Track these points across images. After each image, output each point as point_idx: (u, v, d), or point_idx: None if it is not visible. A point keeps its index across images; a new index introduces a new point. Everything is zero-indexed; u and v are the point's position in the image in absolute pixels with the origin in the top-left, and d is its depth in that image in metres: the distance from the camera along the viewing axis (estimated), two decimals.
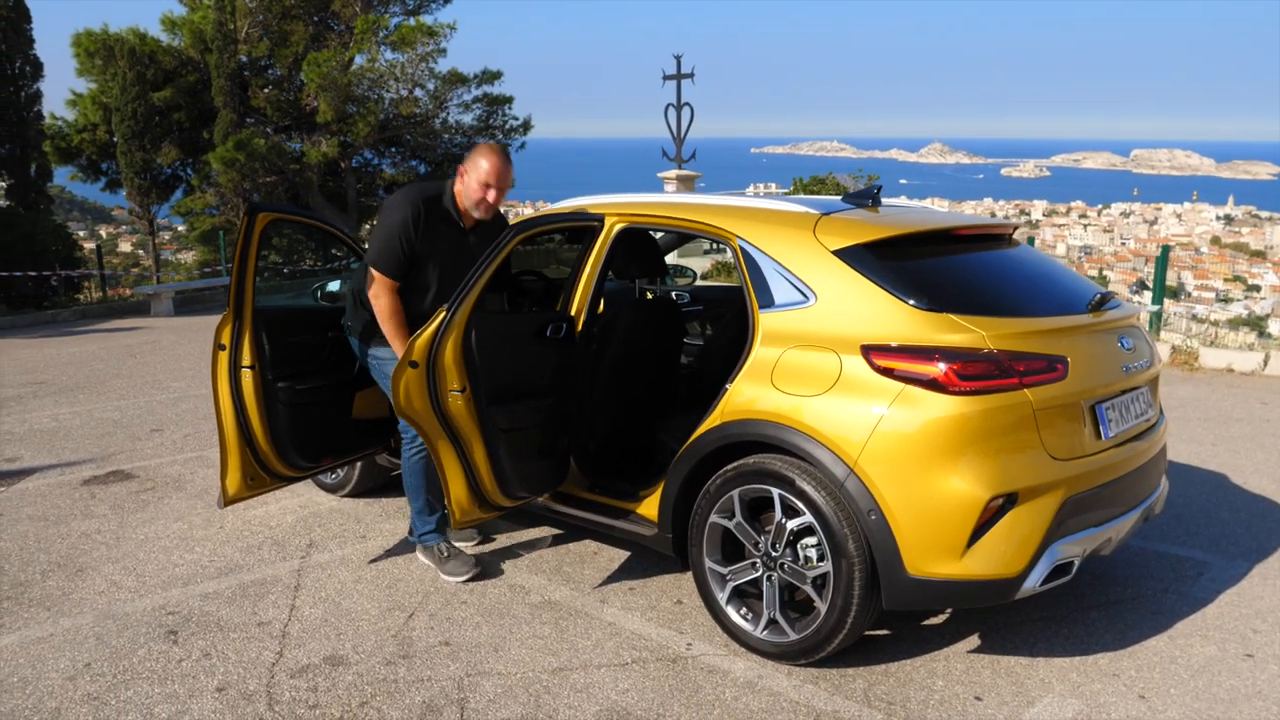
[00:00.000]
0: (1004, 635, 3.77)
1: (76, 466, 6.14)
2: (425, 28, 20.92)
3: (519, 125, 23.86)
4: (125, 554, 4.64)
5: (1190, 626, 3.84)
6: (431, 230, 4.10)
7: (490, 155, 4.11)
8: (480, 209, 4.16)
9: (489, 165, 4.09)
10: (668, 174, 16.05)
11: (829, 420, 3.33)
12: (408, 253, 4.05)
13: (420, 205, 4.08)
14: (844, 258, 3.50)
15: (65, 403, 8.11)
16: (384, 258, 4.04)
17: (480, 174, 4.10)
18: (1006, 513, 3.19)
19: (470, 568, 4.29)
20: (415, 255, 4.07)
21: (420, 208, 4.07)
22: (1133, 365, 3.65)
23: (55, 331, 13.09)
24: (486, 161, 4.09)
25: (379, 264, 4.05)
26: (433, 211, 4.11)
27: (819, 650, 3.43)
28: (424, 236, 4.08)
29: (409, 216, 4.04)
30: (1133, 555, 4.54)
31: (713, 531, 3.70)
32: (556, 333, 4.07)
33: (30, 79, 17.67)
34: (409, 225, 4.03)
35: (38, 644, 3.73)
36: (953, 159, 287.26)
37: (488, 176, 4.09)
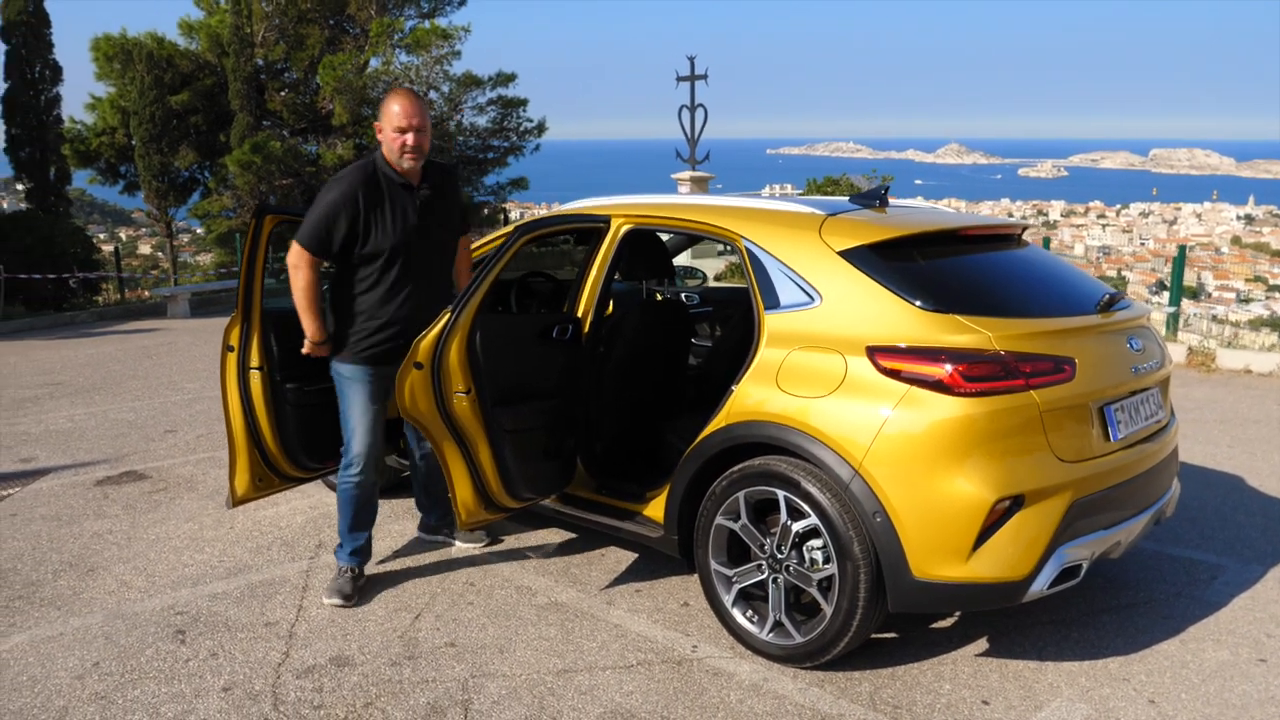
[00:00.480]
0: (1013, 639, 3.74)
1: (90, 467, 6.18)
2: (440, 30, 20.98)
3: (534, 127, 23.88)
4: (136, 554, 4.66)
5: (1202, 631, 3.81)
6: (373, 202, 3.87)
7: (397, 97, 3.88)
8: (407, 157, 3.89)
9: (399, 107, 3.85)
10: (681, 175, 16.05)
11: (834, 422, 3.31)
12: (337, 231, 3.84)
13: (356, 184, 3.85)
14: (849, 258, 3.48)
15: (81, 404, 8.16)
16: (309, 232, 3.85)
17: (392, 119, 3.85)
18: (1013, 515, 3.16)
19: (347, 597, 4.08)
20: (355, 233, 3.86)
21: (356, 187, 3.84)
22: (1142, 366, 3.62)
23: (73, 333, 13.19)
24: (395, 105, 3.86)
25: (303, 238, 3.86)
26: (370, 184, 3.89)
27: (825, 653, 3.41)
28: (367, 210, 3.85)
29: (340, 197, 3.83)
30: (1145, 558, 4.50)
31: (718, 533, 3.69)
32: (563, 334, 4.06)
33: (50, 83, 17.83)
34: (341, 206, 3.82)
35: (47, 643, 3.75)
36: (969, 159, 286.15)
37: (399, 119, 3.84)
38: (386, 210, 3.89)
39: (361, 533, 4.22)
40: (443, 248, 4.15)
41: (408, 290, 3.98)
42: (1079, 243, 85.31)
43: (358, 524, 4.20)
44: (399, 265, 3.94)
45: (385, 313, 3.96)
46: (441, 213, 4.07)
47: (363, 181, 3.87)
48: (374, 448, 4.09)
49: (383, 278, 3.94)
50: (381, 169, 3.93)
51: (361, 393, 4.03)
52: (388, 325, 3.97)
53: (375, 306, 3.96)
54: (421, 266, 4.00)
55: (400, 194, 3.94)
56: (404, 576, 4.36)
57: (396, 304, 3.96)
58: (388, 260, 3.91)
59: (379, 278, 3.94)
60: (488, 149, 23.93)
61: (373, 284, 3.95)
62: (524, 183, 25.01)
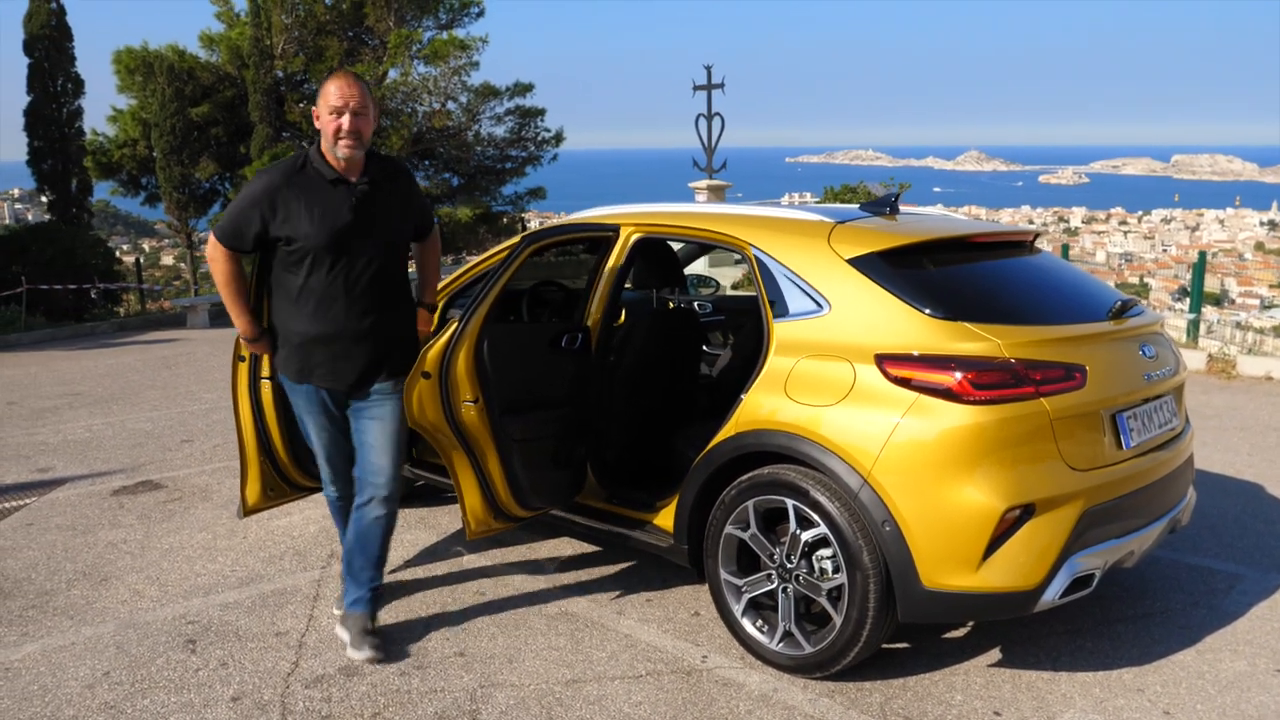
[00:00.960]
0: (1026, 648, 3.70)
1: (107, 477, 6.22)
2: (458, 41, 21.09)
3: (551, 137, 23.98)
4: (149, 563, 4.68)
5: (1219, 641, 3.76)
6: (295, 197, 3.46)
7: (332, 78, 3.48)
8: (342, 145, 3.45)
9: (334, 87, 3.44)
10: (699, 184, 16.04)
11: (843, 430, 3.29)
12: (249, 227, 3.48)
13: (277, 176, 3.49)
14: (858, 266, 3.47)
15: (99, 414, 8.22)
16: (224, 224, 3.54)
17: (327, 100, 3.44)
18: (1024, 524, 3.13)
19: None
20: (270, 230, 3.48)
21: (277, 180, 3.48)
22: (1155, 373, 3.58)
23: (93, 344, 13.30)
24: (331, 84, 3.46)
25: (218, 229, 3.56)
26: (295, 177, 3.49)
27: (835, 663, 3.39)
28: (287, 206, 3.45)
29: (258, 190, 3.48)
30: (1162, 567, 4.45)
31: (728, 543, 3.67)
32: (572, 343, 4.06)
33: (72, 96, 18.03)
34: (257, 200, 3.46)
35: (59, 652, 3.77)
36: (989, 166, 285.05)
37: (334, 98, 3.43)
38: (312, 207, 3.46)
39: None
40: (390, 252, 3.64)
41: (344, 300, 3.54)
42: (1100, 249, 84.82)
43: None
44: (329, 270, 3.50)
45: (318, 326, 3.54)
46: (388, 212, 3.62)
47: (286, 174, 3.49)
48: (338, 470, 3.89)
49: (310, 283, 3.51)
50: (313, 161, 3.51)
51: (309, 413, 3.73)
52: (321, 340, 3.56)
53: (308, 317, 3.54)
54: (361, 273, 3.55)
55: (330, 189, 3.50)
56: (415, 586, 4.36)
57: (330, 316, 3.53)
58: (314, 263, 3.49)
59: (306, 283, 3.52)
60: (506, 159, 24.04)
61: (300, 289, 3.53)
62: (542, 192, 25.10)
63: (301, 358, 3.60)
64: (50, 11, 17.35)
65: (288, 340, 3.61)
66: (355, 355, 3.59)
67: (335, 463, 3.85)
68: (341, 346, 3.56)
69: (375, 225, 3.57)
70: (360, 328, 3.56)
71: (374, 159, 3.61)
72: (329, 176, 3.50)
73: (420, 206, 3.82)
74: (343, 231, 3.48)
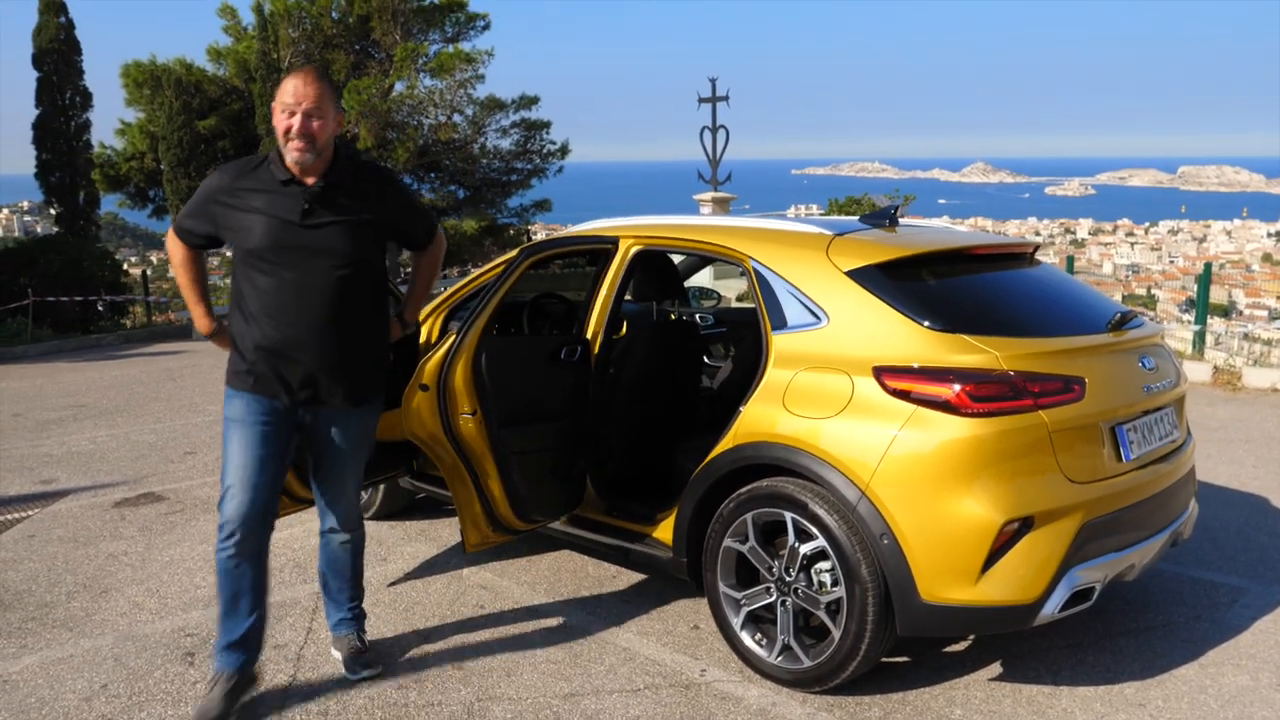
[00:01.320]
0: (1027, 663, 3.68)
1: (109, 489, 6.23)
2: (464, 55, 21.18)
3: (557, 150, 24.03)
4: (149, 575, 4.68)
5: (1222, 655, 3.73)
6: (244, 198, 3.25)
7: (290, 75, 3.24)
8: (291, 147, 3.18)
9: (289, 85, 3.20)
10: (703, 196, 16.07)
11: (841, 443, 3.28)
12: (197, 222, 3.33)
13: (229, 172, 3.31)
14: (856, 278, 3.46)
15: (104, 425, 8.24)
16: (181, 216, 3.39)
17: (281, 98, 3.20)
18: (1022, 537, 3.12)
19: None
20: (219, 231, 3.31)
21: (227, 182, 3.28)
22: (1155, 385, 3.57)
23: (99, 355, 13.34)
24: (286, 82, 3.22)
25: (175, 221, 3.42)
26: (246, 181, 3.27)
27: (834, 677, 3.37)
28: (230, 203, 3.25)
29: (208, 184, 3.32)
30: (1165, 580, 4.42)
31: (727, 556, 3.66)
32: (571, 355, 4.06)
33: (80, 109, 18.15)
34: (205, 193, 3.31)
35: (57, 664, 3.77)
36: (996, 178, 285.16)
37: (286, 97, 3.18)
38: (259, 209, 3.22)
39: (246, 617, 3.33)
40: (352, 260, 3.29)
41: (295, 309, 3.24)
42: (1107, 261, 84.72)
43: (238, 603, 3.33)
44: (279, 276, 3.22)
45: (265, 333, 3.25)
46: (350, 218, 3.29)
47: (237, 173, 3.29)
48: (254, 505, 3.27)
49: (261, 286, 3.25)
50: (270, 162, 3.28)
51: (239, 431, 3.30)
52: (268, 349, 3.26)
53: (256, 322, 3.27)
54: (314, 281, 3.24)
55: (280, 191, 3.24)
56: (413, 599, 4.35)
57: (278, 324, 3.24)
58: (263, 267, 3.23)
59: (256, 286, 3.26)
60: (511, 171, 24.11)
61: (251, 293, 3.27)
62: (547, 205, 25.17)
63: (248, 364, 3.29)
64: (59, 26, 17.49)
65: (239, 345, 3.33)
66: (303, 368, 3.28)
67: (255, 503, 3.27)
68: (289, 357, 3.26)
69: (331, 230, 3.25)
70: (311, 340, 3.26)
71: (345, 162, 3.34)
72: (281, 178, 3.24)
73: (409, 215, 3.56)
74: (289, 237, 3.21)
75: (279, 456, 3.34)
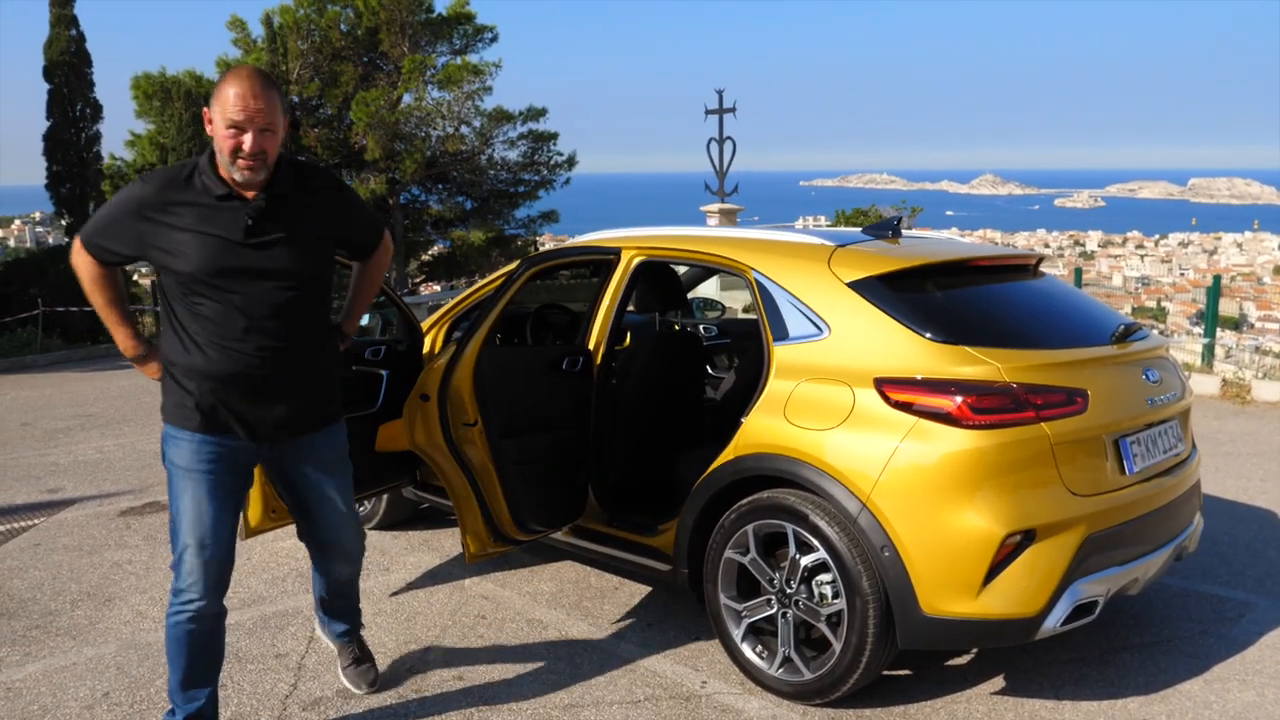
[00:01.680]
0: (1030, 677, 3.66)
1: (115, 498, 6.25)
2: (471, 66, 21.29)
3: (564, 161, 24.12)
4: (154, 584, 4.69)
5: (1228, 670, 3.70)
6: (173, 216, 2.80)
7: (233, 79, 2.76)
8: (244, 168, 2.78)
9: (232, 93, 2.73)
10: (710, 207, 16.10)
11: (841, 454, 3.27)
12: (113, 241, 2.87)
13: (152, 192, 2.82)
14: (858, 289, 3.46)
15: (111, 435, 8.27)
16: (89, 228, 2.91)
17: (224, 110, 2.74)
18: (1024, 550, 3.10)
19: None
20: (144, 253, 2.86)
21: (150, 196, 2.81)
22: (1159, 398, 3.55)
23: (108, 365, 13.38)
24: (230, 88, 2.73)
25: (83, 232, 2.93)
26: (174, 196, 2.81)
27: (835, 690, 3.35)
28: (157, 223, 2.80)
29: (126, 200, 2.83)
30: (1170, 595, 4.40)
31: (728, 567, 3.65)
32: (573, 365, 4.06)
33: (90, 121, 18.26)
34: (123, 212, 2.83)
35: (60, 672, 3.77)
36: (1005, 190, 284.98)
37: (233, 111, 2.73)
38: (193, 228, 2.80)
39: (200, 689, 3.04)
40: (303, 278, 2.95)
41: (246, 335, 2.87)
42: (1117, 273, 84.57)
43: (193, 676, 3.02)
44: (223, 300, 2.84)
45: (217, 363, 2.87)
46: (300, 232, 2.93)
47: (163, 186, 2.82)
48: (215, 565, 2.93)
49: (204, 312, 2.85)
50: (201, 173, 2.83)
51: (190, 481, 2.91)
52: (222, 380, 2.89)
53: (202, 351, 2.87)
54: (264, 303, 2.88)
55: (218, 207, 2.82)
56: (415, 609, 4.35)
57: (231, 352, 2.86)
58: (204, 292, 2.83)
59: (197, 311, 2.86)
60: (519, 182, 24.19)
61: (192, 317, 2.87)
62: (555, 216, 25.24)
63: (197, 399, 2.88)
64: (70, 39, 17.61)
65: (180, 377, 2.90)
66: (261, 399, 2.94)
67: (210, 543, 2.92)
68: (244, 388, 2.91)
69: (280, 248, 2.88)
70: (266, 367, 2.90)
71: (287, 168, 2.93)
72: (217, 192, 2.82)
73: (357, 220, 3.17)
74: (232, 258, 2.82)
75: (235, 506, 3.03)
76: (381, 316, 5.06)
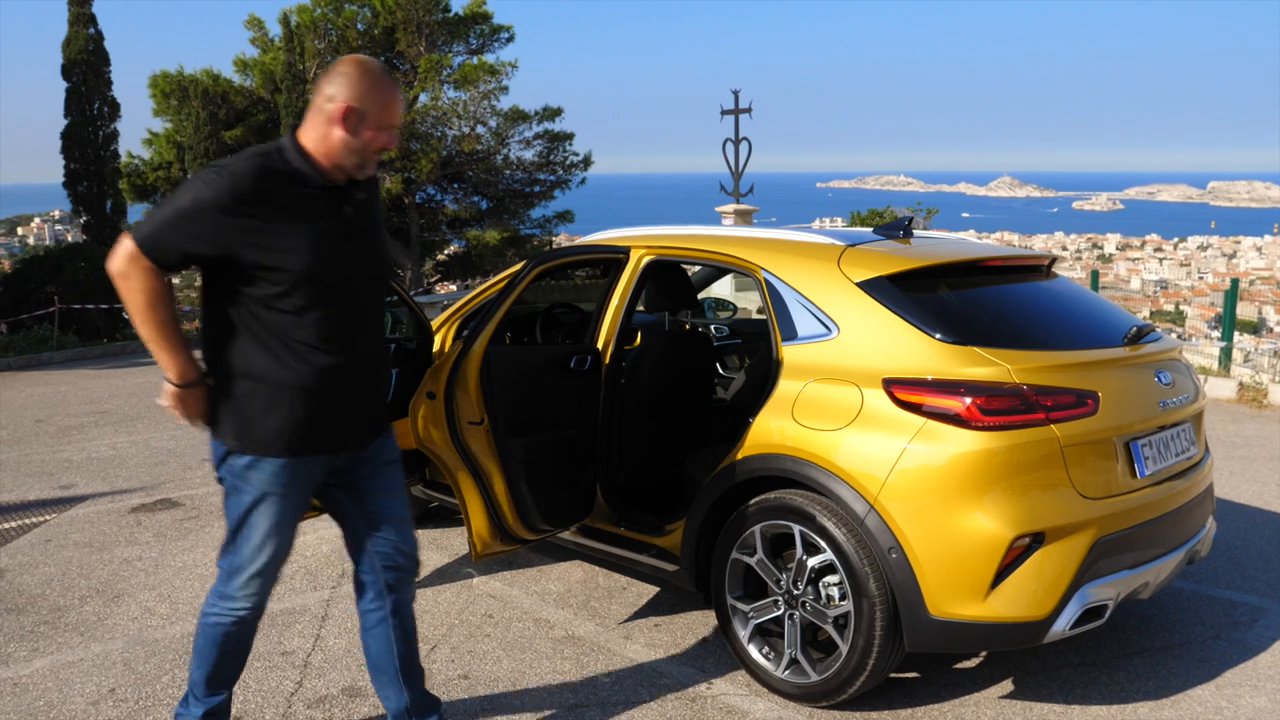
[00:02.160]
0: (1039, 680, 3.62)
1: (127, 494, 6.27)
2: (487, 66, 21.34)
3: (579, 161, 24.15)
4: (162, 581, 4.70)
5: (1240, 675, 3.66)
6: (277, 209, 2.57)
7: (388, 85, 2.66)
8: (372, 164, 2.73)
9: (392, 97, 2.67)
10: (725, 208, 16.06)
11: (849, 455, 3.25)
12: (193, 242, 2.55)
13: (247, 184, 2.53)
14: (868, 289, 3.43)
15: (124, 432, 8.30)
16: (153, 230, 2.55)
17: (384, 111, 2.64)
18: (1033, 552, 3.07)
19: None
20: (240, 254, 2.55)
21: (247, 188, 2.53)
22: (1171, 401, 3.51)
23: (123, 363, 13.45)
24: (387, 91, 2.65)
25: (141, 235, 2.56)
26: (272, 187, 2.57)
27: (841, 692, 3.33)
28: (263, 221, 2.55)
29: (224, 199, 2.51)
30: (1183, 599, 4.35)
31: (735, 568, 3.63)
32: (581, 365, 4.05)
33: (108, 119, 18.31)
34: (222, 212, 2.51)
35: (67, 668, 3.78)
36: (1022, 192, 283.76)
37: (388, 114, 2.66)
38: (301, 222, 2.61)
39: (225, 688, 2.98)
40: (385, 273, 2.91)
41: (347, 340, 2.72)
42: (1135, 276, 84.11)
43: (220, 675, 2.94)
44: (327, 303, 2.66)
45: (310, 371, 2.66)
46: (379, 225, 2.87)
47: (257, 176, 2.56)
48: (273, 583, 2.86)
49: (305, 321, 2.64)
50: (291, 161, 2.64)
51: (273, 506, 2.74)
52: (319, 394, 2.68)
53: (290, 360, 2.64)
54: (362, 304, 2.78)
55: (321, 198, 2.66)
56: (423, 607, 4.34)
57: (334, 361, 2.69)
58: (308, 295, 2.62)
59: (299, 320, 2.63)
60: (534, 182, 24.24)
61: (291, 327, 2.63)
62: (570, 216, 25.28)
63: (291, 416, 2.66)
64: (88, 37, 17.69)
65: (269, 394, 2.65)
66: (359, 405, 2.81)
67: (278, 567, 2.85)
68: (346, 396, 2.75)
69: (370, 243, 2.78)
70: (363, 370, 2.79)
71: None
72: (317, 182, 2.65)
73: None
74: (332, 250, 2.65)
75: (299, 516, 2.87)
76: (391, 315, 5.06)
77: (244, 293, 2.62)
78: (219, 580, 2.86)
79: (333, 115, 2.61)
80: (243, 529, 2.77)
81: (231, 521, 2.78)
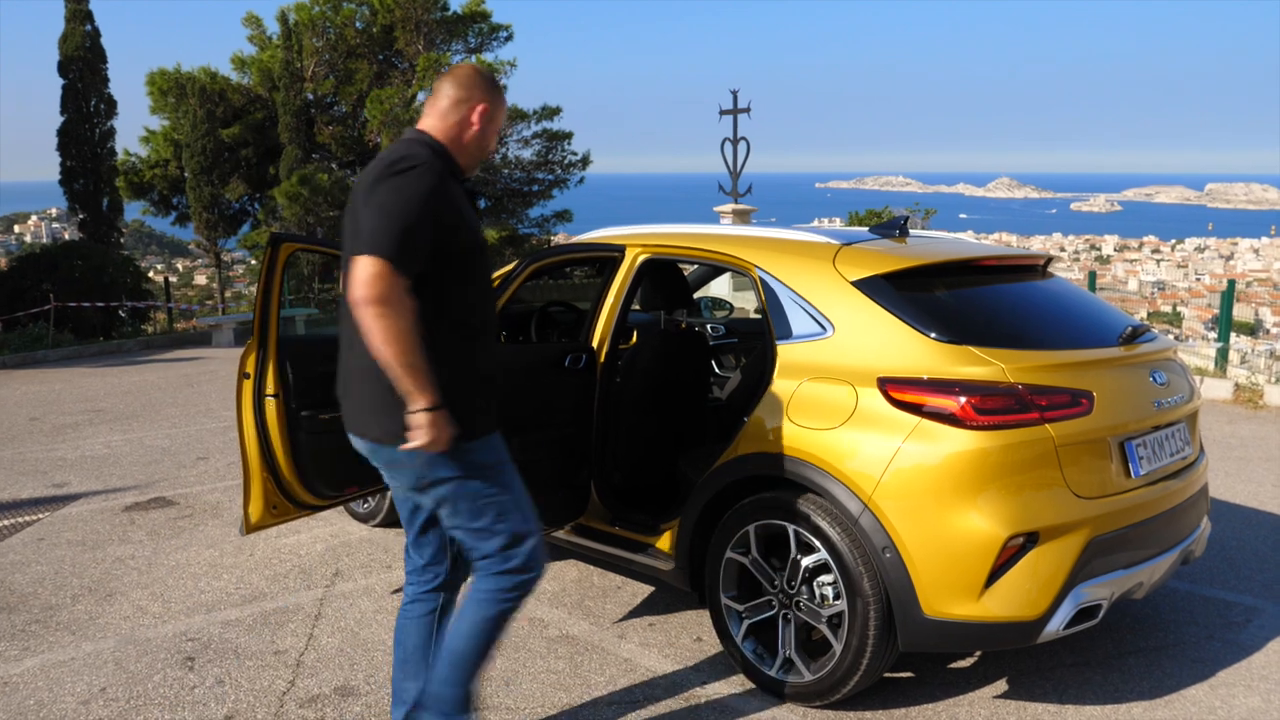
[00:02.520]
0: (1033, 680, 3.62)
1: (120, 493, 6.25)
2: (486, 65, 21.28)
3: (578, 160, 24.10)
4: (155, 580, 4.69)
5: (1234, 675, 3.66)
6: (457, 194, 2.70)
7: (499, 92, 2.85)
8: (484, 160, 2.98)
9: (501, 104, 2.86)
10: (724, 208, 16.04)
11: (844, 454, 3.24)
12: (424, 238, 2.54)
13: (440, 168, 2.65)
14: (863, 288, 3.42)
15: (119, 430, 8.28)
16: (391, 240, 2.47)
17: (500, 114, 2.84)
18: (1027, 552, 3.06)
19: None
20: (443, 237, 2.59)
21: (442, 173, 2.64)
22: (1166, 401, 3.50)
23: (119, 361, 13.43)
24: (501, 97, 2.86)
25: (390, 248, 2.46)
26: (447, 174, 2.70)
27: (835, 692, 3.32)
28: (456, 203, 2.66)
29: (432, 187, 2.57)
30: (1177, 599, 4.35)
31: (729, 567, 3.62)
32: (576, 363, 4.04)
33: (105, 117, 18.32)
34: (432, 199, 2.56)
35: (58, 667, 3.77)
36: (1021, 193, 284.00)
37: (503, 120, 2.93)
38: (463, 201, 2.73)
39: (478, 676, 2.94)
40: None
41: (493, 318, 2.89)
42: (1133, 278, 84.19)
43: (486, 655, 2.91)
44: (479, 282, 2.78)
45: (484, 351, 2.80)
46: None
47: (438, 163, 2.66)
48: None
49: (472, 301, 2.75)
50: (435, 149, 2.72)
51: (510, 471, 2.90)
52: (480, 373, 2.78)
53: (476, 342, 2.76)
54: (491, 287, 2.91)
55: (469, 199, 2.83)
56: None
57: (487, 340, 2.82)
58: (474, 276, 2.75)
59: (469, 302, 2.74)
60: (532, 182, 24.19)
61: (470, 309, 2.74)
62: (568, 215, 25.23)
63: (484, 395, 2.79)
64: (85, 34, 17.68)
65: (470, 380, 2.73)
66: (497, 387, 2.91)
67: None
68: (495, 376, 2.87)
69: (483, 233, 2.92)
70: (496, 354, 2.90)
71: None
72: (458, 175, 2.79)
73: None
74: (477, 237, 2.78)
75: None
76: None
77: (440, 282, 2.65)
78: (492, 566, 2.79)
79: (469, 116, 2.76)
80: (501, 503, 2.80)
81: (487, 503, 2.78)
